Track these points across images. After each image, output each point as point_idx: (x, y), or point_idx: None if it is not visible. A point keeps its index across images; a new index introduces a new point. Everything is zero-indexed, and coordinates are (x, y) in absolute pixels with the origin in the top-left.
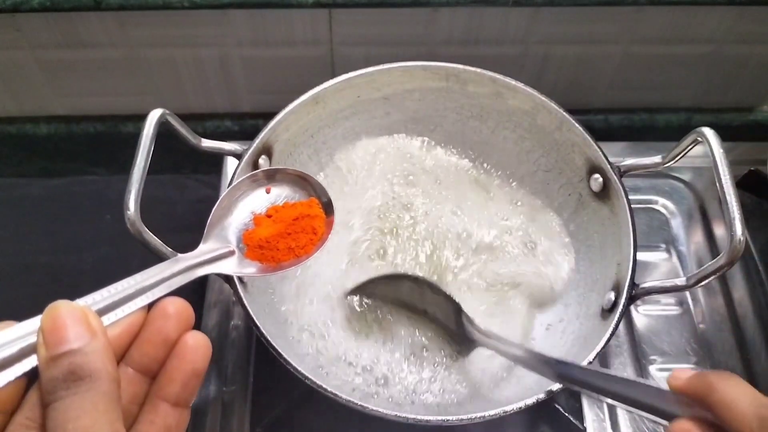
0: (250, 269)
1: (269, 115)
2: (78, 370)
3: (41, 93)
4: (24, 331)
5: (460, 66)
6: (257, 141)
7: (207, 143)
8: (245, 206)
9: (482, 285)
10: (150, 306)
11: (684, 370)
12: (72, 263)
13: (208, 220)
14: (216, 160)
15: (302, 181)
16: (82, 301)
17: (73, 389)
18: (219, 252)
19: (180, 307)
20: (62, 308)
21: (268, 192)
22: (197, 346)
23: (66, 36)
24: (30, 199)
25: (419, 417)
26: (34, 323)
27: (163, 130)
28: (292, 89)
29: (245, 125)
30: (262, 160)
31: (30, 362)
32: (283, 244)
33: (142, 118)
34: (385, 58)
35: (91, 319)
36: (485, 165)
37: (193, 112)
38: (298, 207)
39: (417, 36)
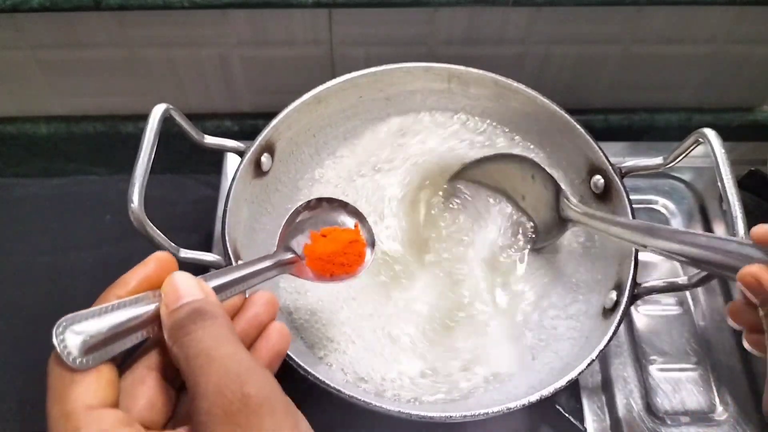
0: (309, 275)
1: (269, 115)
2: (201, 311)
3: (41, 93)
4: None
5: (462, 67)
6: (260, 139)
7: (210, 140)
8: (305, 225)
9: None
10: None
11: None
12: (72, 263)
13: (279, 233)
14: (216, 159)
15: (354, 212)
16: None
17: (200, 323)
18: (291, 257)
19: (271, 299)
20: (179, 276)
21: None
22: (282, 333)
23: (66, 36)
24: (30, 199)
25: (422, 413)
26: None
27: (165, 130)
28: (292, 89)
29: (245, 125)
30: (265, 158)
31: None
32: (338, 260)
33: (142, 118)
34: (385, 58)
35: (203, 285)
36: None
37: (193, 112)
38: (350, 233)
39: (417, 36)
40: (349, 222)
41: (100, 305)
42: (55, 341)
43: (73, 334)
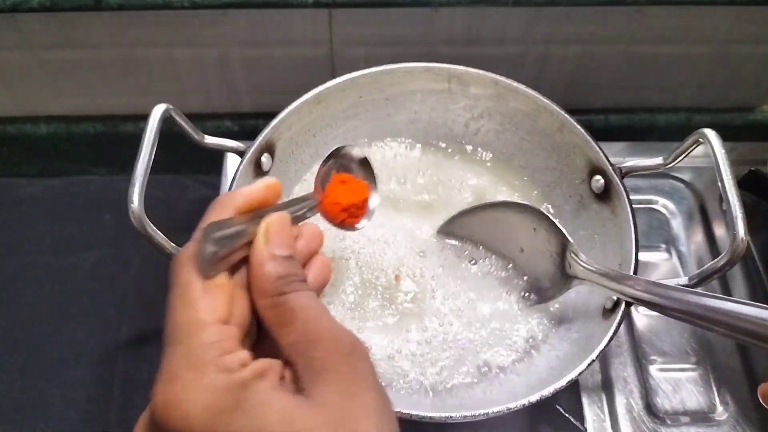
0: (324, 214)
1: (269, 115)
2: (301, 275)
3: (41, 93)
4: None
5: (462, 68)
6: (260, 138)
7: (210, 140)
8: (331, 167)
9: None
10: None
11: None
12: (72, 263)
13: (317, 172)
14: (216, 160)
15: (367, 166)
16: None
17: (302, 288)
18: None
19: (319, 232)
20: (282, 218)
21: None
22: (325, 264)
23: (66, 36)
24: (30, 199)
25: (422, 413)
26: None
27: (165, 130)
28: (292, 89)
29: (245, 125)
30: (265, 158)
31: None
32: (352, 211)
33: (142, 118)
34: (385, 59)
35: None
36: (486, 167)
37: (193, 112)
38: (365, 189)
39: (417, 36)
40: (362, 177)
41: (227, 218)
42: (200, 248)
43: (210, 243)
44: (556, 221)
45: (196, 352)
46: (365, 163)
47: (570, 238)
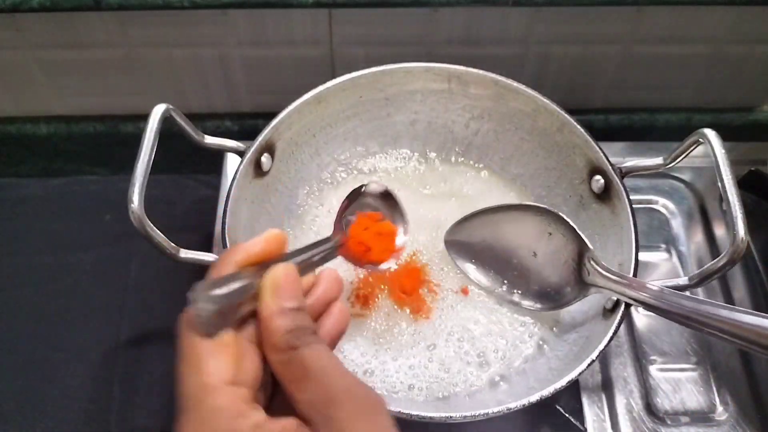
0: (347, 254)
1: (269, 115)
2: (310, 327)
3: (41, 93)
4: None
5: (462, 68)
6: (260, 139)
7: (210, 140)
8: (354, 207)
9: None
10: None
11: None
12: (72, 263)
13: (337, 211)
14: (216, 160)
15: (392, 203)
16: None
17: (314, 341)
18: (343, 238)
19: (338, 278)
20: (287, 268)
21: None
22: (344, 312)
23: (66, 36)
24: (30, 199)
25: (422, 414)
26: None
27: (165, 129)
28: (292, 89)
29: (245, 125)
30: (265, 158)
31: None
32: (378, 254)
33: (142, 118)
34: (385, 59)
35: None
36: (485, 167)
37: (192, 112)
38: (393, 229)
39: (417, 36)
40: (387, 214)
41: (226, 274)
42: (193, 309)
43: (206, 303)
44: (574, 226)
45: (208, 419)
46: (389, 197)
47: (590, 245)
